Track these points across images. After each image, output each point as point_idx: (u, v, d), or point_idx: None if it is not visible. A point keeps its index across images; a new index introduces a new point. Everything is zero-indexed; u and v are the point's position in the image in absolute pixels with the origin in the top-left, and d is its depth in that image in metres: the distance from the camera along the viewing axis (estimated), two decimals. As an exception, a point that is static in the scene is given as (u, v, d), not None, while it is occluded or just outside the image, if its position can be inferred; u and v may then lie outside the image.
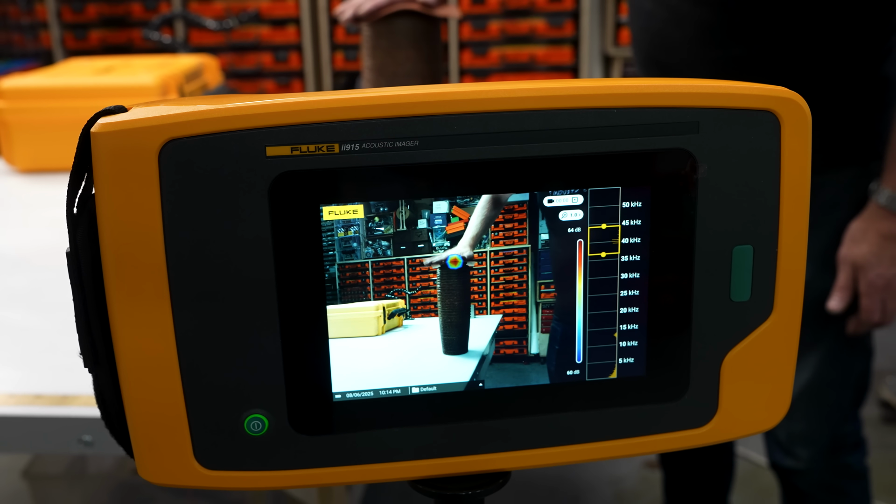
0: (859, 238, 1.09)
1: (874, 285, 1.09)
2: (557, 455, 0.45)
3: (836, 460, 1.23)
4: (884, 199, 1.06)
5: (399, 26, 1.14)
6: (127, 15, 3.57)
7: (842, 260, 1.11)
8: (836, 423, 1.22)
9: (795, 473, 1.24)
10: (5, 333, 1.03)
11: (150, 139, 0.39)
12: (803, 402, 1.20)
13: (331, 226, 0.41)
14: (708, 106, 0.42)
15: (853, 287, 1.11)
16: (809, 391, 1.19)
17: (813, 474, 1.23)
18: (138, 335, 0.41)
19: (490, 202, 0.42)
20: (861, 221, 1.09)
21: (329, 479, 0.44)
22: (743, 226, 0.43)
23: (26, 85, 1.76)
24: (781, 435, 1.24)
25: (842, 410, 1.22)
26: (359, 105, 0.40)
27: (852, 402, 1.22)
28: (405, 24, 1.14)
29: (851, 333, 1.15)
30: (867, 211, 1.08)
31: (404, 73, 1.16)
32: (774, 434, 1.25)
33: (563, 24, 3.47)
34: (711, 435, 0.46)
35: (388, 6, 1.12)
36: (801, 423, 1.21)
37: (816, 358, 1.17)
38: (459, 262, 0.43)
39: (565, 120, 0.41)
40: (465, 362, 0.44)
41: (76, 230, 0.41)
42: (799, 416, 1.21)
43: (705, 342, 0.45)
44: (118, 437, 0.45)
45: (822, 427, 1.22)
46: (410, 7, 1.12)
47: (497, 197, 0.42)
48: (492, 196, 0.42)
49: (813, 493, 1.24)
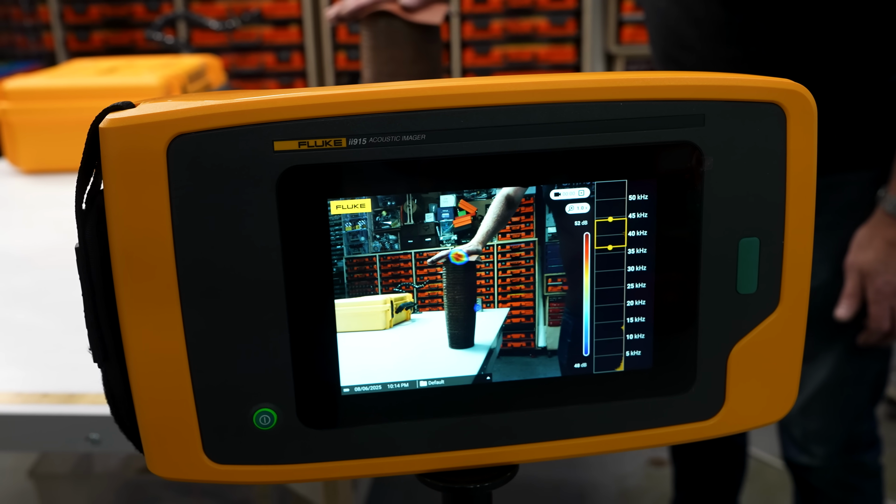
0: (866, 245, 1.08)
1: (882, 292, 1.08)
2: (565, 448, 0.46)
3: (851, 458, 1.23)
4: (891, 207, 1.05)
5: (382, 27, 1.14)
6: (129, 16, 3.57)
7: (849, 267, 1.10)
8: (852, 422, 1.22)
9: (810, 470, 1.24)
10: (11, 333, 1.03)
11: (158, 134, 0.39)
12: (820, 400, 1.19)
13: (338, 220, 0.41)
14: (714, 99, 0.42)
15: (861, 294, 1.10)
16: (826, 389, 1.18)
17: (827, 472, 1.23)
18: (147, 330, 0.41)
19: (504, 202, 0.42)
20: (868, 228, 1.08)
21: (337, 472, 0.44)
22: (749, 218, 0.44)
23: (30, 86, 1.76)
24: (797, 432, 1.23)
25: (858, 409, 1.22)
26: (366, 99, 0.40)
27: (869, 400, 1.22)
28: (387, 25, 1.14)
29: (862, 345, 1.14)
30: (874, 218, 1.08)
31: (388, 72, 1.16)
32: (789, 431, 1.25)
33: (566, 22, 3.47)
34: (719, 427, 0.46)
35: (370, 6, 1.13)
36: (818, 420, 1.21)
37: (834, 356, 1.17)
38: (464, 258, 0.43)
39: (572, 113, 0.41)
40: (472, 356, 0.44)
41: (85, 226, 0.41)
42: (815, 414, 1.20)
43: (712, 335, 0.45)
44: (127, 432, 0.45)
45: (838, 425, 1.21)
46: (389, 9, 1.12)
47: (511, 197, 0.42)
48: (506, 196, 0.42)
49: (827, 491, 1.24)
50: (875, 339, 1.13)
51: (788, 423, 1.25)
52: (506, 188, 0.42)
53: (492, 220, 0.42)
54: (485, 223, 0.42)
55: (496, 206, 0.42)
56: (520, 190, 0.42)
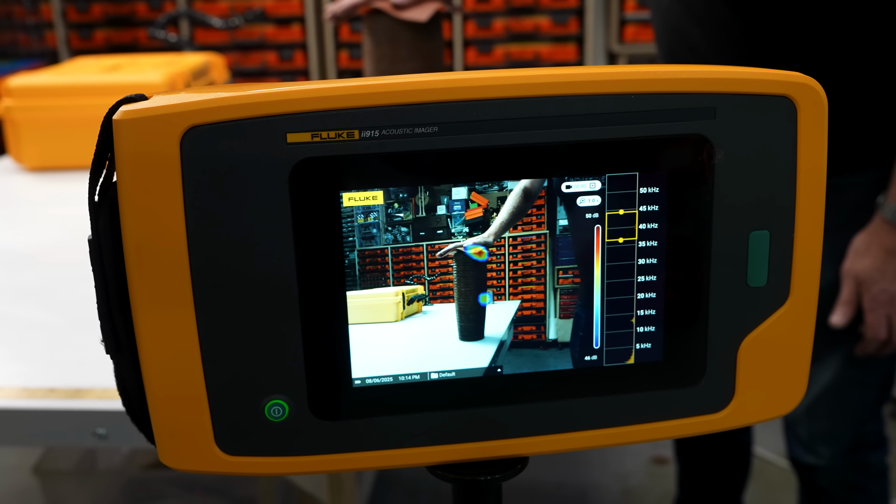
0: (863, 252, 1.07)
1: (878, 301, 1.07)
2: (575, 440, 0.46)
3: (858, 458, 1.22)
4: (889, 214, 1.03)
5: (376, 25, 1.15)
6: (132, 14, 3.57)
7: (845, 274, 1.08)
8: (859, 422, 1.22)
9: (816, 470, 1.24)
10: (17, 329, 1.03)
11: (171, 126, 0.39)
12: (826, 401, 1.19)
13: (351, 212, 0.42)
14: (725, 91, 0.42)
15: (857, 302, 1.09)
16: (832, 390, 1.18)
17: (833, 472, 1.22)
18: (160, 321, 0.41)
19: (521, 194, 0.42)
20: (866, 234, 1.07)
21: (348, 464, 0.45)
22: (760, 211, 0.44)
23: (34, 83, 1.77)
24: (803, 432, 1.23)
25: (865, 409, 1.21)
26: (379, 92, 0.40)
27: (875, 401, 1.21)
28: (381, 23, 1.14)
29: (860, 355, 1.13)
30: (872, 224, 1.06)
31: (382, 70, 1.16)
32: (795, 431, 1.25)
33: (568, 21, 3.47)
34: (728, 420, 0.46)
35: (363, 4, 1.13)
36: (824, 421, 1.20)
37: (840, 356, 1.16)
38: (485, 255, 0.43)
39: (583, 106, 0.41)
40: (483, 348, 0.44)
41: (98, 218, 0.42)
42: (821, 414, 1.20)
43: (722, 327, 0.45)
44: (139, 424, 0.45)
45: (844, 425, 1.21)
46: (381, 7, 1.12)
47: (528, 189, 0.42)
48: (524, 188, 0.42)
49: (832, 490, 1.24)
50: (872, 348, 1.11)
51: (794, 422, 1.25)
52: (523, 181, 0.42)
53: (507, 213, 0.43)
54: (500, 216, 0.43)
55: (513, 199, 0.42)
56: (537, 182, 0.42)
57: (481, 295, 0.44)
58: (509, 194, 0.42)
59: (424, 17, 1.10)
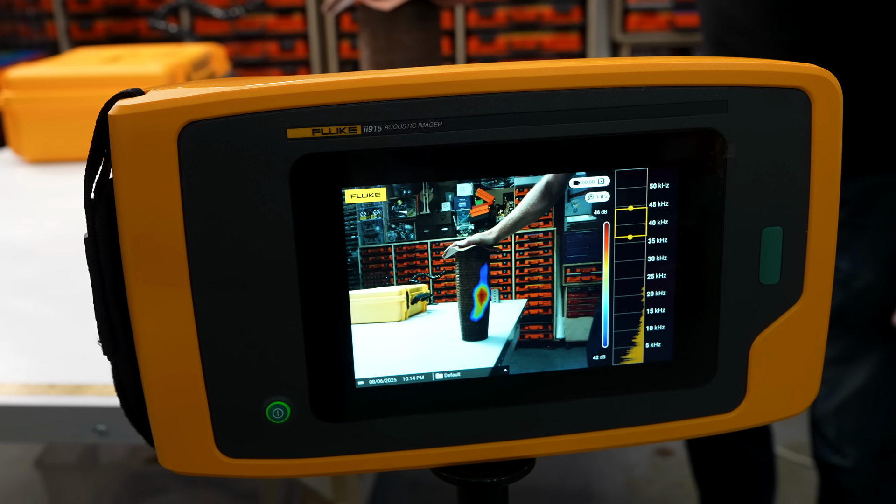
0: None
1: None
2: (583, 441, 0.45)
3: (884, 462, 1.21)
4: None
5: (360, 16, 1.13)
6: (132, 5, 3.56)
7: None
8: (889, 426, 1.20)
9: (841, 471, 1.22)
10: (17, 323, 1.02)
11: (169, 121, 0.38)
12: (858, 401, 1.18)
13: (353, 209, 0.41)
14: (737, 84, 0.41)
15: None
16: (865, 391, 1.17)
17: (858, 474, 1.21)
18: (158, 321, 0.40)
19: (540, 194, 0.41)
20: None
21: (351, 466, 0.44)
22: (772, 207, 0.43)
23: (34, 75, 1.75)
24: (830, 432, 1.22)
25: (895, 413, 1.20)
26: (381, 86, 0.39)
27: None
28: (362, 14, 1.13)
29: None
30: None
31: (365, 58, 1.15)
32: (822, 430, 1.23)
33: (570, 10, 3.45)
34: (739, 420, 0.46)
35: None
36: (853, 421, 1.19)
37: (875, 359, 1.15)
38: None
39: (591, 100, 0.40)
40: (489, 348, 0.43)
41: (94, 216, 0.41)
42: (852, 415, 1.18)
43: (733, 326, 0.44)
44: (137, 425, 0.45)
45: (873, 428, 1.20)
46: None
47: (548, 189, 0.41)
48: (543, 188, 0.41)
49: (855, 493, 1.22)
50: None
51: (822, 422, 1.23)
52: (546, 175, 0.41)
53: (519, 213, 0.41)
54: (513, 213, 0.41)
55: (530, 199, 0.41)
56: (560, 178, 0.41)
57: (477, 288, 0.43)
58: (526, 193, 0.41)
59: (387, 6, 1.08)
